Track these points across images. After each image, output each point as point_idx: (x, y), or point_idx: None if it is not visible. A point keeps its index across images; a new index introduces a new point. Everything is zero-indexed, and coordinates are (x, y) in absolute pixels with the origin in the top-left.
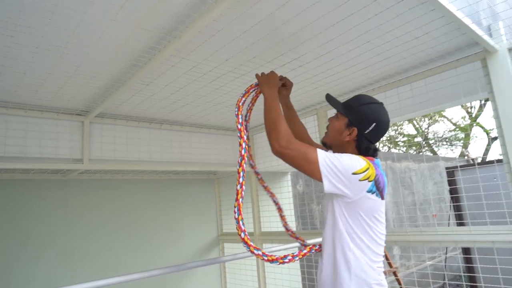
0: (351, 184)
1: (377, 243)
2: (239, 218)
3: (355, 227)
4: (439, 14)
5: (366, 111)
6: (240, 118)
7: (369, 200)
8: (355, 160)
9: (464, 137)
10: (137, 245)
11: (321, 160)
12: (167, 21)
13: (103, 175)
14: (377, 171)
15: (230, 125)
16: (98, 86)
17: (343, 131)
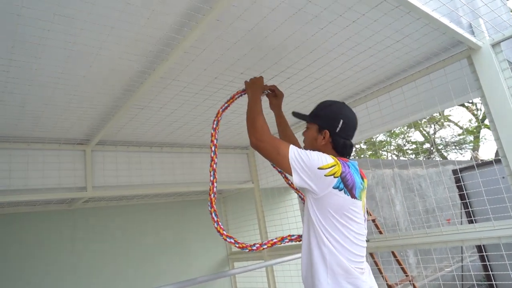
0: (316, 178)
1: (353, 242)
2: (211, 211)
3: (326, 224)
4: (416, 16)
5: (330, 112)
6: (215, 124)
7: (336, 197)
8: (322, 156)
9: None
10: (147, 270)
11: (291, 154)
12: (152, 46)
13: (108, 202)
14: (346, 169)
15: (229, 143)
16: (95, 114)
17: (316, 137)
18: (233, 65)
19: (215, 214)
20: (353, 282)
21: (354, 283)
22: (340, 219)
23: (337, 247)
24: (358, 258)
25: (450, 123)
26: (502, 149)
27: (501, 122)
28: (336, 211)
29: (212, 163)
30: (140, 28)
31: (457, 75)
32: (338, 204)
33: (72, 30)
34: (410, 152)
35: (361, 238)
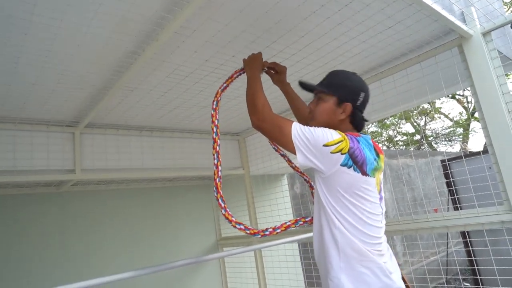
0: (322, 156)
1: (367, 223)
2: (217, 196)
3: (336, 205)
4: (408, 2)
5: (352, 84)
6: (214, 104)
7: (345, 175)
8: (328, 132)
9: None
10: (136, 254)
11: (294, 132)
12: (142, 25)
13: (97, 185)
14: (354, 144)
15: (221, 129)
16: (84, 95)
17: (335, 110)
18: (224, 48)
19: (221, 200)
20: (368, 265)
21: (368, 266)
22: (350, 198)
23: (349, 229)
24: (373, 239)
25: (441, 115)
26: (489, 138)
27: (489, 110)
28: (346, 190)
29: (215, 145)
30: (130, 6)
31: (448, 63)
32: (347, 183)
33: (58, 6)
34: (401, 144)
35: (376, 218)
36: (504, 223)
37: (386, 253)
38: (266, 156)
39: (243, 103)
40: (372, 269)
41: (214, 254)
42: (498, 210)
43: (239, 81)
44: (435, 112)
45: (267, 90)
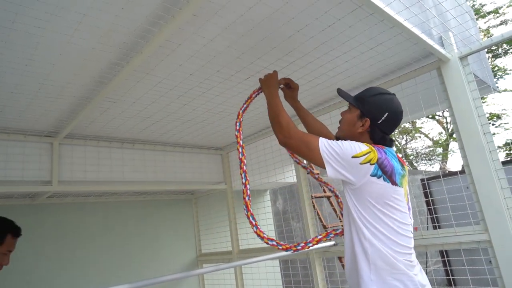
0: (352, 168)
1: (398, 233)
2: (248, 214)
3: (367, 215)
4: (389, 24)
5: (377, 101)
6: (238, 125)
7: (375, 185)
8: (355, 144)
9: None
10: (113, 269)
11: (322, 146)
12: (127, 37)
13: (75, 198)
14: (382, 155)
15: (203, 143)
16: (64, 105)
17: (355, 122)
18: (209, 62)
19: (252, 218)
20: (400, 278)
21: (400, 279)
22: (381, 209)
23: (380, 238)
24: (405, 249)
25: (421, 134)
26: (466, 158)
27: (466, 132)
28: (376, 200)
29: (241, 165)
30: (114, 18)
31: (427, 85)
32: (378, 193)
33: (41, 14)
34: None
35: (407, 228)
36: (480, 243)
37: (417, 265)
38: (249, 172)
39: (226, 118)
40: (404, 282)
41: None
42: (474, 230)
43: (220, 97)
44: (415, 131)
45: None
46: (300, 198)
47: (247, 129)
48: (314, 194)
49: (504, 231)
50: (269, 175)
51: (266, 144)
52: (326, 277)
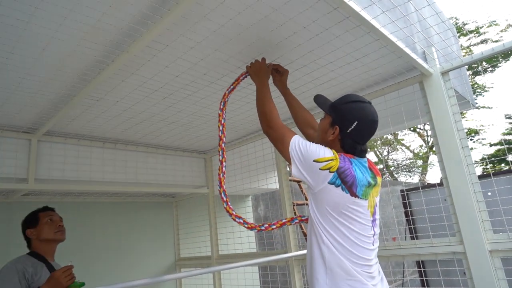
0: (311, 171)
1: (356, 244)
2: (220, 190)
3: (324, 222)
4: (375, 37)
5: (348, 109)
6: (222, 105)
7: (332, 193)
8: (321, 149)
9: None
10: (88, 271)
11: (292, 144)
12: (113, 35)
13: (51, 197)
14: (345, 164)
15: (187, 146)
16: (45, 101)
17: (327, 130)
18: (196, 65)
19: (224, 194)
20: (354, 285)
21: (354, 286)
22: (338, 218)
23: (336, 247)
24: (362, 260)
25: (402, 146)
26: (444, 171)
27: (445, 145)
28: (333, 208)
29: (220, 142)
30: (101, 15)
31: (409, 98)
32: (334, 202)
33: (25, 7)
34: None
35: (366, 240)
36: (455, 254)
37: (377, 276)
38: (232, 176)
39: (211, 121)
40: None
41: (172, 275)
42: (450, 241)
43: (205, 100)
44: (397, 143)
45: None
46: (281, 204)
47: (231, 134)
48: (295, 201)
49: (478, 243)
50: (251, 180)
51: (250, 149)
52: (304, 285)
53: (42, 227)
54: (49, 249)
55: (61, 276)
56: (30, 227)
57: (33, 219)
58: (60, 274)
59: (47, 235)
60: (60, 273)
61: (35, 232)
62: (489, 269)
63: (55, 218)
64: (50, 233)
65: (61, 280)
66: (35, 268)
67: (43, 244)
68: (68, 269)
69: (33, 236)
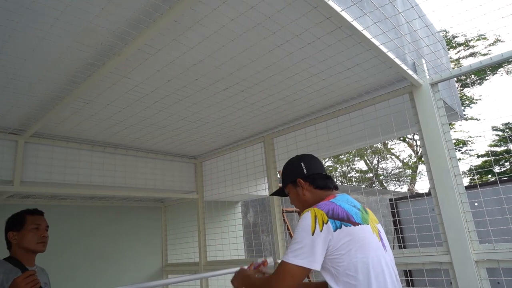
0: (323, 242)
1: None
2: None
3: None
4: (366, 47)
5: (289, 167)
6: None
7: (343, 235)
8: (302, 227)
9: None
10: (74, 276)
11: (289, 259)
12: (105, 38)
13: (37, 200)
14: (327, 206)
15: (177, 151)
16: (33, 102)
17: (297, 192)
18: (188, 70)
19: None
20: None
21: None
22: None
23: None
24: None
25: (392, 156)
26: (432, 181)
27: (433, 155)
28: (351, 247)
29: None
30: (93, 18)
31: (399, 108)
32: (349, 241)
33: (16, 7)
34: (354, 180)
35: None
36: (442, 264)
37: None
38: (221, 182)
39: (202, 127)
40: None
41: (159, 281)
42: (437, 251)
43: (196, 105)
44: (387, 152)
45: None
46: (271, 211)
47: (221, 139)
48: (285, 208)
49: (465, 253)
50: (241, 187)
51: (241, 155)
52: None
53: (25, 233)
54: (28, 257)
55: (21, 283)
56: (13, 229)
57: (18, 222)
58: (21, 280)
59: (28, 244)
60: (21, 280)
61: (17, 237)
62: (474, 279)
63: (41, 226)
64: (31, 243)
65: (22, 286)
66: (8, 275)
67: (22, 251)
68: (30, 275)
69: (14, 241)
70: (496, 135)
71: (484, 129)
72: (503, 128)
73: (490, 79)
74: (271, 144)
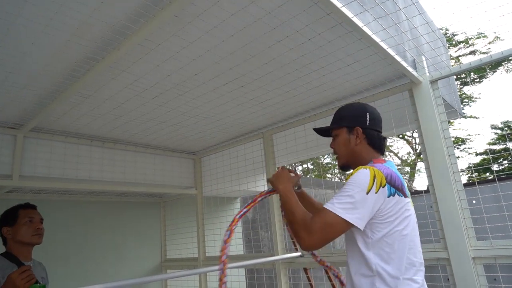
0: (374, 204)
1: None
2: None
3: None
4: (366, 44)
5: (354, 110)
6: (227, 235)
7: (392, 203)
8: (359, 181)
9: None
10: (74, 271)
11: (335, 209)
12: (104, 32)
13: (36, 195)
14: (386, 170)
15: (176, 146)
16: (32, 96)
17: (349, 139)
18: (188, 65)
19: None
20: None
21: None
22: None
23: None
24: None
25: (391, 153)
26: (431, 178)
27: (432, 152)
28: (395, 218)
29: (222, 276)
30: (92, 11)
31: (398, 105)
32: (395, 210)
33: (15, 1)
34: None
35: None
36: (439, 260)
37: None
38: (220, 178)
39: (201, 122)
40: None
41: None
42: (435, 247)
43: (196, 100)
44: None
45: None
46: (269, 207)
47: (220, 135)
48: None
49: (462, 250)
50: (240, 183)
51: (240, 151)
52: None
53: (19, 227)
54: (24, 251)
55: (17, 278)
56: (7, 225)
57: (11, 217)
58: (17, 276)
59: (23, 237)
60: (16, 275)
61: (11, 232)
62: (471, 275)
63: (35, 219)
64: (26, 236)
65: (17, 282)
66: (4, 271)
67: (18, 245)
68: (26, 270)
69: (9, 236)
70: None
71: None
72: (502, 127)
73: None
74: (270, 140)
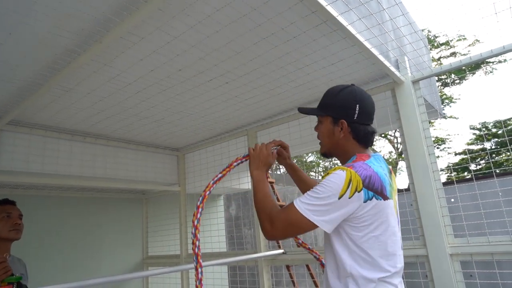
0: (346, 207)
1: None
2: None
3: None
4: (350, 43)
5: (343, 99)
6: (200, 201)
7: (368, 208)
8: (332, 182)
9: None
10: (51, 268)
11: (302, 209)
12: (86, 24)
13: (13, 190)
14: (364, 171)
15: (159, 142)
16: (10, 89)
17: (333, 130)
18: (172, 60)
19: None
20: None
21: None
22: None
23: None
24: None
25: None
26: (411, 176)
27: (412, 151)
28: (371, 223)
29: (194, 240)
30: (75, 2)
31: (381, 104)
32: (372, 215)
33: None
34: None
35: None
36: (418, 257)
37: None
38: (204, 175)
39: (185, 118)
40: None
41: (139, 273)
42: (414, 244)
43: (180, 96)
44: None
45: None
46: (253, 205)
47: (204, 132)
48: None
49: (440, 247)
50: (223, 180)
51: (224, 148)
52: (273, 285)
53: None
54: (1, 246)
55: None
56: None
57: None
58: None
59: (0, 233)
60: None
61: None
62: (449, 271)
63: (13, 214)
64: (3, 231)
65: None
66: None
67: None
68: (2, 262)
69: None
70: (473, 133)
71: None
72: (480, 127)
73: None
74: (255, 138)
